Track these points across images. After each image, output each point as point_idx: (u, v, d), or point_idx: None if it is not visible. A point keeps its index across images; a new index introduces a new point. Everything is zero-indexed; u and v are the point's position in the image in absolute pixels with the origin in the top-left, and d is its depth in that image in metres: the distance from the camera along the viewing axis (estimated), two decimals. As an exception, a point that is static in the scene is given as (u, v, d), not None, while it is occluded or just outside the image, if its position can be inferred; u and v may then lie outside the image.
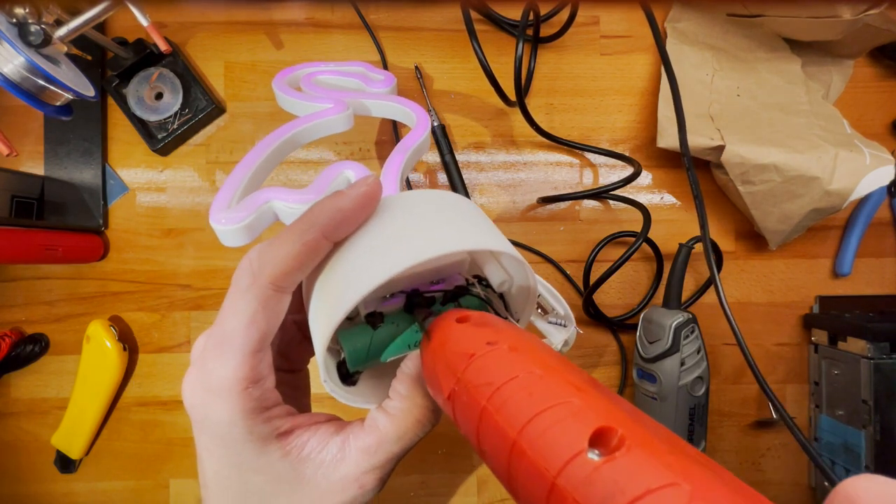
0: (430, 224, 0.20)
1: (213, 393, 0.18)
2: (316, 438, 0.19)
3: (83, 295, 0.46)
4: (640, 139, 0.48)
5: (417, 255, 0.18)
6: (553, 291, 0.25)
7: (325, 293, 0.20)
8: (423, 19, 0.48)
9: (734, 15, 0.46)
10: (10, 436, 0.46)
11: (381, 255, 0.19)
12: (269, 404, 0.19)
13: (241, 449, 0.18)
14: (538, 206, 0.47)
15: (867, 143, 0.43)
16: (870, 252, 0.47)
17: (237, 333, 0.18)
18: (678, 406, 0.40)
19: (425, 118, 0.34)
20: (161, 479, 0.46)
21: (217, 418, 0.18)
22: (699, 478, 0.11)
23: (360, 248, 0.19)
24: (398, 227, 0.20)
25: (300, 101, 0.37)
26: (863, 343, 0.41)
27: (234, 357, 0.18)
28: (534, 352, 0.16)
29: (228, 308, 0.18)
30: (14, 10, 0.32)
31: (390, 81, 0.40)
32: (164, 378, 0.46)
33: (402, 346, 0.22)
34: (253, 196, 0.27)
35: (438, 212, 0.21)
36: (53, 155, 0.46)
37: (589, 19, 0.48)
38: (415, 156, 0.32)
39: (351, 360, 0.21)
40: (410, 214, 0.21)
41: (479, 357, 0.16)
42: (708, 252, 0.36)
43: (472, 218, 0.22)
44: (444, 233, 0.20)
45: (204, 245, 0.47)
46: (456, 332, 0.18)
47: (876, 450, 0.40)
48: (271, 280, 0.18)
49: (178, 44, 0.47)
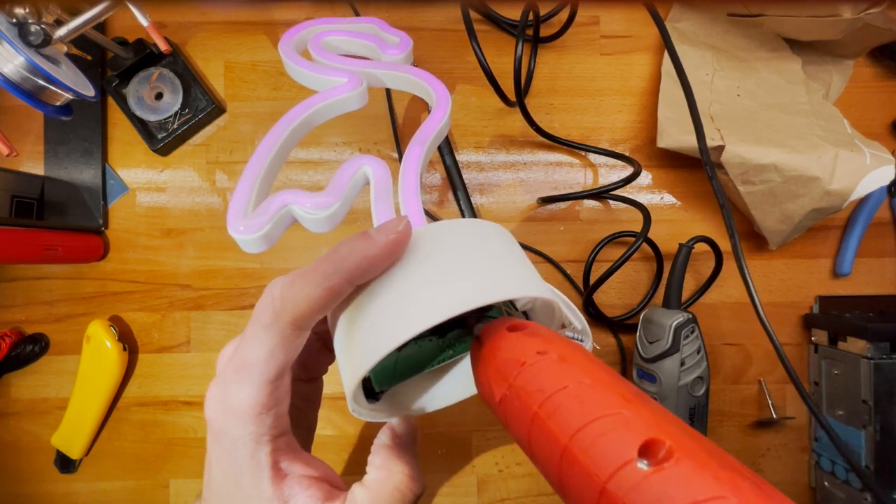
0: (463, 270, 0.19)
1: (230, 411, 0.19)
2: (303, 499, 0.19)
3: (83, 295, 0.46)
4: (640, 139, 0.48)
5: (449, 310, 0.18)
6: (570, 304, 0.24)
7: (353, 338, 0.20)
8: (423, 19, 0.48)
9: (734, 15, 0.46)
10: (10, 436, 0.46)
11: (411, 308, 0.18)
12: (278, 433, 0.19)
13: (244, 470, 0.19)
14: (538, 206, 0.47)
15: (867, 142, 0.43)
16: (870, 252, 0.47)
17: (257, 364, 0.19)
18: (678, 406, 0.40)
19: (445, 95, 0.31)
20: (161, 479, 0.46)
21: (231, 435, 0.19)
22: (745, 492, 0.11)
23: (390, 296, 0.19)
24: (429, 273, 0.19)
25: (310, 73, 0.33)
26: (863, 343, 0.41)
27: (251, 384, 0.19)
28: (583, 363, 0.16)
29: (250, 338, 0.19)
30: (14, 10, 0.32)
31: (406, 45, 0.36)
32: (164, 378, 0.46)
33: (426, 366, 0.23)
34: (269, 201, 0.26)
35: (470, 252, 0.20)
36: (53, 155, 0.46)
37: (589, 19, 0.48)
38: (435, 142, 0.30)
39: (377, 382, 0.22)
40: (442, 257, 0.20)
41: (530, 365, 0.17)
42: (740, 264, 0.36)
43: (505, 256, 0.21)
44: (478, 281, 0.19)
45: (204, 245, 0.47)
46: (508, 340, 0.18)
47: (876, 450, 0.40)
48: (292, 321, 0.18)
49: (178, 44, 0.47)
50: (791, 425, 0.47)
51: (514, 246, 0.23)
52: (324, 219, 0.25)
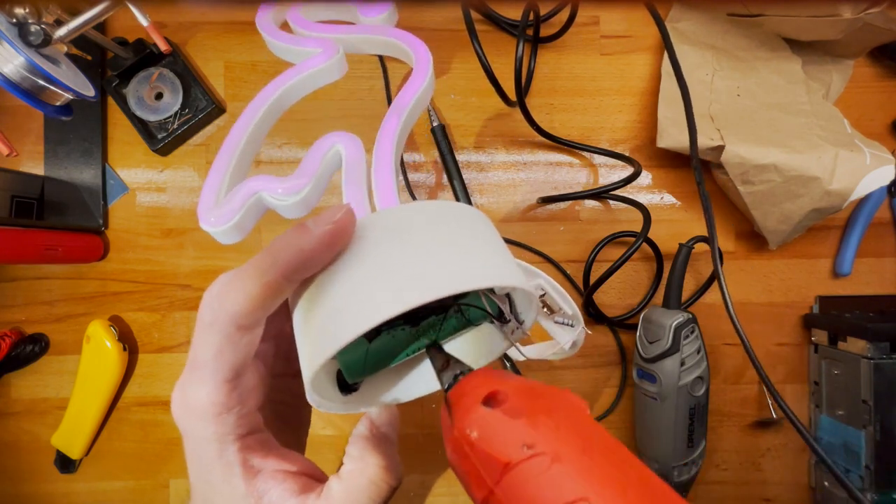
0: (430, 255, 0.18)
1: (190, 412, 0.18)
2: (277, 493, 0.19)
3: (83, 295, 0.46)
4: (640, 139, 0.48)
5: (404, 302, 0.16)
6: (560, 290, 0.24)
7: (306, 332, 0.18)
8: (423, 19, 0.48)
9: (734, 15, 0.46)
10: (10, 436, 0.46)
11: (362, 302, 0.17)
12: (245, 431, 0.19)
13: (212, 468, 0.19)
14: (538, 206, 0.47)
15: (867, 142, 0.43)
16: (870, 252, 0.47)
17: (207, 364, 0.18)
18: (678, 406, 0.40)
19: (425, 57, 0.28)
20: (161, 479, 0.46)
21: (195, 435, 0.19)
22: None
23: (342, 288, 0.18)
24: (387, 261, 0.18)
25: (287, 46, 0.32)
26: (863, 343, 0.41)
27: (205, 385, 0.18)
28: (582, 461, 0.14)
29: (197, 337, 0.18)
30: (14, 10, 0.32)
31: (386, 5, 0.34)
32: (164, 378, 0.46)
33: (399, 355, 0.22)
34: (237, 189, 0.24)
35: (437, 236, 0.19)
36: (53, 155, 0.46)
37: (589, 19, 0.48)
38: (414, 111, 0.27)
39: (348, 374, 0.21)
40: (405, 242, 0.18)
41: (517, 469, 0.14)
42: (715, 257, 0.36)
43: (477, 240, 0.19)
44: (438, 271, 0.17)
45: (204, 245, 0.47)
46: (485, 421, 0.15)
47: (876, 450, 0.40)
48: (231, 320, 0.18)
49: (178, 44, 0.47)
50: (791, 425, 0.47)
51: (489, 229, 0.21)
52: (296, 203, 0.24)
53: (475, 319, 0.22)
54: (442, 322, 0.21)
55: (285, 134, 0.47)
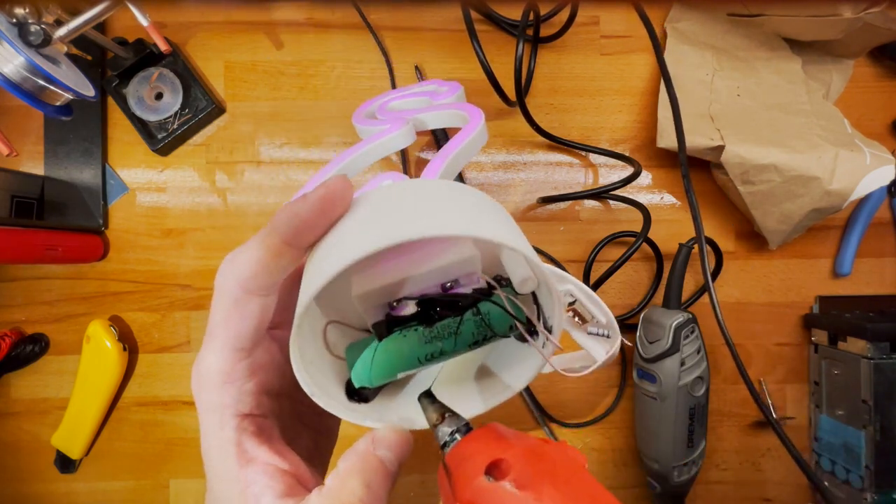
0: (417, 208, 0.18)
1: (200, 378, 0.19)
2: (260, 487, 0.18)
3: (83, 295, 0.46)
4: (640, 139, 0.48)
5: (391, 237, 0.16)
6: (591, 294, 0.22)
7: (301, 286, 0.19)
8: (424, 19, 0.48)
9: (734, 15, 0.46)
10: (10, 436, 0.46)
11: (351, 238, 0.17)
12: (246, 410, 0.19)
13: (212, 442, 0.19)
14: (538, 206, 0.47)
15: (868, 142, 0.43)
16: (870, 252, 0.47)
17: (216, 330, 0.19)
18: (678, 406, 0.40)
19: (478, 115, 0.33)
20: (161, 479, 0.46)
21: (201, 403, 0.19)
22: None
23: (333, 235, 0.18)
24: (371, 214, 0.18)
25: (368, 128, 0.39)
26: (863, 343, 0.41)
27: (214, 349, 0.19)
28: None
29: (212, 306, 0.19)
30: (14, 10, 0.32)
31: (455, 90, 0.40)
32: (164, 378, 0.46)
33: (411, 360, 0.20)
34: None
35: (435, 196, 0.19)
36: (53, 155, 0.46)
37: (589, 19, 0.48)
38: (460, 158, 0.30)
39: (355, 375, 0.19)
40: (395, 202, 0.19)
41: None
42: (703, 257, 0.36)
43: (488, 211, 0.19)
44: (446, 216, 0.17)
45: (204, 245, 0.47)
46: (490, 496, 0.14)
47: (876, 450, 0.40)
48: (237, 283, 0.19)
49: (178, 44, 0.47)
50: (791, 425, 0.47)
51: (502, 210, 0.20)
52: None
53: (497, 326, 0.20)
54: (458, 325, 0.20)
55: (286, 134, 0.47)
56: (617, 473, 0.47)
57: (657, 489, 0.43)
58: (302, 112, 0.47)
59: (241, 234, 0.47)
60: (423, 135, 0.47)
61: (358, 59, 0.48)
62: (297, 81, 0.47)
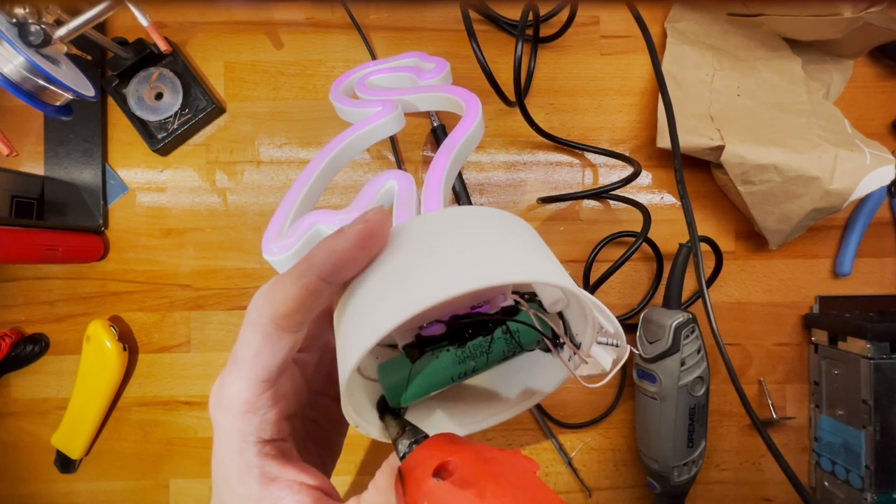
0: (454, 254, 0.17)
1: (221, 404, 0.19)
2: (290, 502, 0.18)
3: (83, 295, 0.46)
4: (640, 139, 0.48)
5: (437, 294, 0.16)
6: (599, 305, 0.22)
7: (341, 337, 0.18)
8: (423, 19, 0.48)
9: (734, 14, 0.46)
10: (10, 436, 0.46)
11: (396, 295, 0.17)
12: (268, 436, 0.19)
13: (230, 465, 0.19)
14: (538, 206, 0.47)
15: (868, 142, 0.43)
16: (870, 252, 0.47)
17: (245, 360, 0.19)
18: (678, 406, 0.40)
19: (475, 103, 0.31)
20: (161, 479, 0.46)
21: (222, 427, 0.19)
22: None
23: (375, 284, 0.18)
24: (412, 260, 0.17)
25: (352, 109, 0.37)
26: (863, 343, 0.41)
27: (239, 380, 0.19)
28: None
29: (241, 335, 0.19)
30: (14, 10, 0.32)
31: (442, 68, 0.38)
32: (164, 378, 0.46)
33: (444, 379, 0.20)
34: (298, 222, 0.27)
35: (475, 234, 0.18)
36: (53, 155, 0.46)
37: (589, 19, 0.48)
38: (463, 151, 0.29)
39: (390, 397, 0.20)
40: (433, 242, 0.18)
41: None
42: (698, 257, 0.36)
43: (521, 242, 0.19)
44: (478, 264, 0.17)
45: (204, 245, 0.47)
46: (435, 495, 0.15)
47: (876, 450, 0.40)
48: (271, 319, 0.18)
49: (178, 44, 0.47)
50: (791, 425, 0.47)
51: (534, 235, 0.20)
52: None
53: (526, 342, 0.21)
54: (490, 344, 0.20)
55: (286, 134, 0.47)
56: (617, 473, 0.47)
57: (657, 489, 0.43)
58: (302, 112, 0.47)
59: (240, 234, 0.47)
60: (420, 133, 0.47)
61: (358, 59, 0.47)
62: (297, 81, 0.47)
